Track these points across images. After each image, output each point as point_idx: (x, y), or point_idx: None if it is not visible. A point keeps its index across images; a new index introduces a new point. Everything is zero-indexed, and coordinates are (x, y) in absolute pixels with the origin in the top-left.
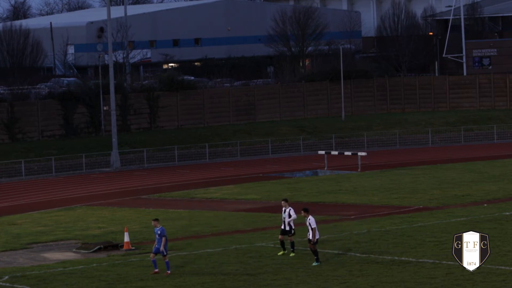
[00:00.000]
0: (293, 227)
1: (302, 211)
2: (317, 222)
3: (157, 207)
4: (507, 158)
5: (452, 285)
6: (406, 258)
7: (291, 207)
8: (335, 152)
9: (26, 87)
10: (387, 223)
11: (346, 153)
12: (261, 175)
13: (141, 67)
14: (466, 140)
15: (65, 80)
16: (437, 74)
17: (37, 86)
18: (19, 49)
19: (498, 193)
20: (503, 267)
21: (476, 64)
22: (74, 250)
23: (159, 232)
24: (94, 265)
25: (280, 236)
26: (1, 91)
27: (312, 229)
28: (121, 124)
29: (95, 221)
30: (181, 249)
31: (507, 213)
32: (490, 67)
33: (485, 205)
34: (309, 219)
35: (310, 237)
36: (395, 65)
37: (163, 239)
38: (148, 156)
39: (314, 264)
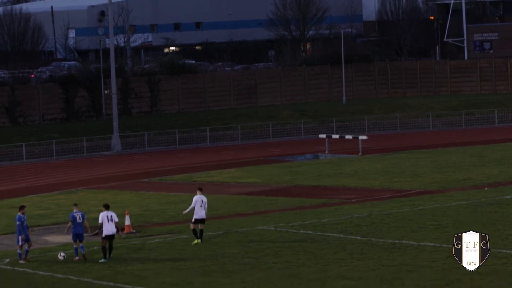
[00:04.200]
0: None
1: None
2: (319, 205)
3: (158, 190)
4: (508, 142)
5: (453, 268)
6: (407, 242)
7: None
8: (336, 136)
9: (27, 70)
10: (388, 207)
11: (347, 137)
12: (262, 158)
13: (142, 51)
14: (467, 124)
15: (66, 64)
16: (438, 58)
17: (38, 70)
18: (20, 33)
19: (499, 176)
20: (504, 251)
21: (477, 48)
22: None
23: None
24: (95, 248)
25: (192, 225)
26: (2, 75)
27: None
28: (122, 107)
29: (96, 204)
30: (182, 232)
31: (508, 197)
32: (491, 51)
33: (486, 188)
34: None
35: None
36: (396, 49)
37: (86, 222)
38: (149, 140)
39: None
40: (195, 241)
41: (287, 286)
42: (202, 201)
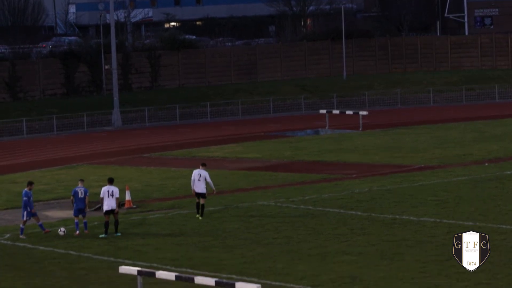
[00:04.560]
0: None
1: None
2: (320, 181)
3: (159, 165)
4: (508, 118)
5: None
6: (407, 217)
7: None
8: (337, 111)
9: (28, 46)
10: (388, 182)
11: (348, 112)
12: (262, 134)
13: (143, 26)
14: (468, 99)
15: (67, 39)
16: (438, 34)
17: (39, 45)
18: (20, 8)
19: (499, 152)
20: (504, 226)
21: (478, 23)
22: None
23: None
24: (96, 223)
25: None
26: (3, 50)
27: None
28: (122, 83)
29: (97, 180)
30: (183, 207)
31: (508, 172)
32: (492, 26)
33: (486, 164)
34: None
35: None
36: (396, 24)
37: (87, 198)
38: (150, 115)
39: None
40: (197, 215)
41: (287, 261)
42: (200, 175)
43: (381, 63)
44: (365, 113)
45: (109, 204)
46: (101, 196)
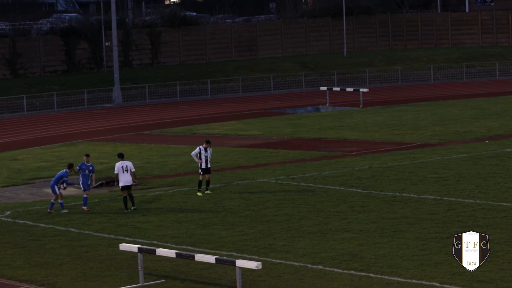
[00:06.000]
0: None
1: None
2: (320, 158)
3: (159, 142)
4: (509, 95)
5: (454, 221)
6: (408, 194)
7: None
8: (337, 88)
9: (28, 22)
10: (389, 159)
11: (348, 89)
12: (263, 111)
13: (143, 2)
14: (468, 76)
15: (67, 15)
16: (439, 11)
17: (39, 22)
18: None
19: (499, 129)
20: (504, 204)
21: (479, 0)
22: (75, 185)
23: (90, 168)
24: (96, 200)
25: (201, 176)
26: (3, 27)
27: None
28: (123, 60)
29: (97, 157)
30: (183, 184)
31: (509, 150)
32: (493, 3)
33: (487, 141)
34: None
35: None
36: (397, 1)
37: (93, 175)
38: (150, 92)
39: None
40: (199, 193)
41: (287, 239)
42: (207, 151)
43: (382, 40)
44: (365, 90)
45: (124, 179)
46: (115, 172)
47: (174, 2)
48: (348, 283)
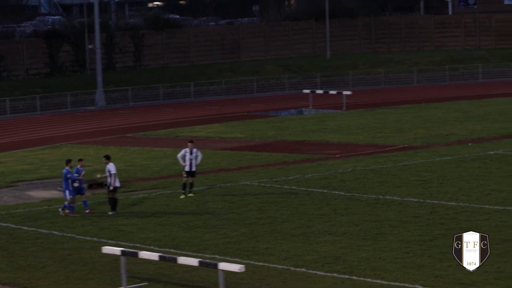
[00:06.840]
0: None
1: (104, 158)
2: (303, 160)
3: (142, 145)
4: (491, 98)
5: (436, 223)
6: (391, 197)
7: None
8: (320, 91)
9: (11, 25)
10: (372, 162)
11: (331, 92)
12: (246, 113)
13: (127, 5)
14: (451, 79)
15: (50, 18)
16: (422, 13)
17: (22, 25)
18: None
19: (482, 132)
20: (487, 206)
21: (461, 3)
22: (59, 188)
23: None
24: (79, 203)
25: (185, 179)
26: None
27: (111, 175)
28: (106, 62)
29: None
30: (166, 187)
31: (491, 152)
32: (475, 6)
33: (470, 144)
34: (109, 165)
35: (110, 184)
36: (380, 4)
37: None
38: (133, 95)
39: (110, 213)
40: (182, 196)
41: (270, 242)
42: (192, 153)
43: (365, 43)
44: (348, 92)
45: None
46: (106, 174)
47: (157, 5)
48: (331, 286)
